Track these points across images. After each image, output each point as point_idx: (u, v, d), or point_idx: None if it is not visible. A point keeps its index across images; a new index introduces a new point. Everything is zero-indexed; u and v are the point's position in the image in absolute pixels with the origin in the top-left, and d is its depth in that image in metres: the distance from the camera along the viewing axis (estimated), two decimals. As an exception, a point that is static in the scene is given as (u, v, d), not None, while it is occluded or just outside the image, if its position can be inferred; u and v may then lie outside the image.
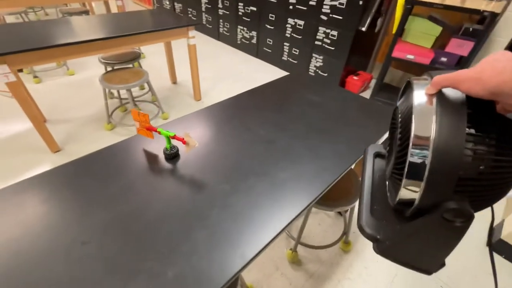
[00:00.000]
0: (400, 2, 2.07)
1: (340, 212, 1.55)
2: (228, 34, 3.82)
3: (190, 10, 4.26)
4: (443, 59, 2.09)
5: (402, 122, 0.40)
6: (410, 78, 0.43)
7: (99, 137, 2.05)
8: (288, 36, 2.98)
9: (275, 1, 2.90)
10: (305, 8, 2.66)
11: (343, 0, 2.36)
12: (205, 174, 0.71)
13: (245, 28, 3.49)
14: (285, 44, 3.07)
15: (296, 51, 3.00)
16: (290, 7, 2.78)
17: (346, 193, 1.09)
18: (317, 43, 2.74)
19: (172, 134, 0.72)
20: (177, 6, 4.53)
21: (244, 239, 0.56)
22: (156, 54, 3.49)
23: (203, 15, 4.07)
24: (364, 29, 2.42)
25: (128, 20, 2.06)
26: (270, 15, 3.04)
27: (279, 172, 0.72)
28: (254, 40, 3.45)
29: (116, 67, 2.13)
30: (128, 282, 0.48)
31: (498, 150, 0.31)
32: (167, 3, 4.73)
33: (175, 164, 0.74)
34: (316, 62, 2.86)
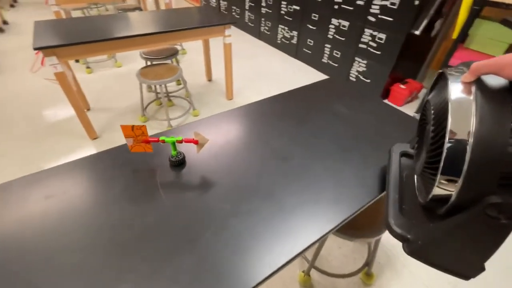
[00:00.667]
0: (466, 2, 1.78)
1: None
2: (269, 33, 3.75)
3: (234, 8, 4.28)
4: (516, 71, 1.75)
5: (435, 116, 0.37)
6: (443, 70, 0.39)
7: (133, 128, 2.15)
8: (331, 37, 2.80)
9: (320, 0, 2.74)
10: (351, 8, 2.46)
11: (396, 0, 2.12)
12: (206, 189, 0.65)
13: (286, 28, 3.38)
14: (326, 45, 2.90)
15: (337, 54, 2.81)
16: (336, 7, 2.60)
17: (371, 222, 0.95)
18: (361, 46, 2.52)
19: (180, 139, 0.68)
20: (222, 3, 4.59)
21: (235, 272, 0.49)
22: (196, 50, 3.57)
23: (246, 13, 4.06)
24: (418, 32, 2.15)
25: (170, 17, 2.11)
26: (313, 14, 2.89)
27: (287, 197, 0.63)
28: (294, 40, 3.33)
29: (154, 62, 2.20)
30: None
31: None
32: (213, 1, 4.82)
33: (178, 173, 0.70)
34: (358, 66, 2.64)
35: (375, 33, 2.36)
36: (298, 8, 3.07)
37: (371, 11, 2.32)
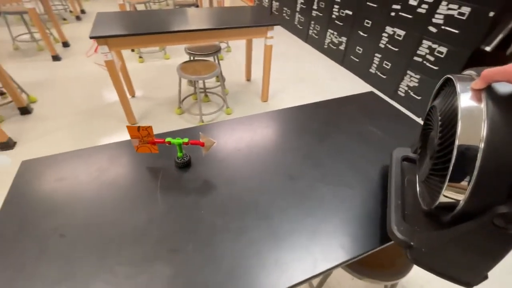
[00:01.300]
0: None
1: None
2: (317, 37, 3.62)
3: (285, 9, 4.23)
4: None
5: (443, 122, 0.37)
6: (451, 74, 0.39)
7: (168, 118, 2.25)
8: (382, 46, 2.58)
9: (376, 5, 2.54)
10: (410, 16, 2.23)
11: (465, 10, 1.85)
12: (203, 196, 0.63)
13: (335, 33, 3.22)
14: (376, 55, 2.68)
15: (387, 65, 2.58)
16: (392, 14, 2.39)
17: (389, 263, 0.83)
18: (416, 59, 2.27)
19: (186, 140, 0.67)
20: (274, 4, 4.57)
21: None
22: (241, 49, 3.61)
23: (296, 15, 3.97)
24: (489, 49, 1.85)
25: (218, 15, 2.15)
26: (366, 21, 2.70)
27: (284, 222, 0.57)
28: (342, 47, 3.15)
29: (196, 58, 2.27)
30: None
31: None
32: (266, 1, 4.83)
33: (181, 175, 0.68)
34: (409, 81, 2.39)
35: (434, 45, 2.10)
36: (350, 13, 2.89)
37: (434, 20, 2.07)
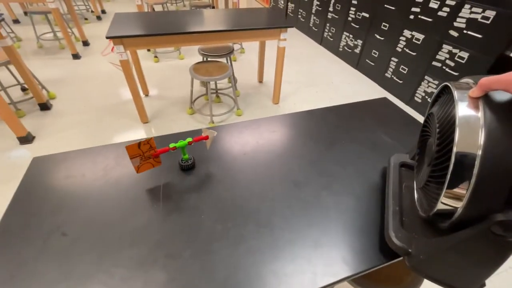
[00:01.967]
0: None
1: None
2: (332, 40, 3.56)
3: (301, 11, 4.19)
4: None
5: (441, 129, 0.37)
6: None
7: (179, 118, 2.28)
8: (399, 50, 2.50)
9: (394, 8, 2.47)
10: (430, 20, 2.15)
11: (490, 13, 1.76)
12: (204, 201, 0.62)
13: (350, 35, 3.16)
14: (392, 59, 2.61)
15: (404, 70, 2.50)
16: (411, 17, 2.31)
17: (398, 278, 0.79)
18: (435, 64, 2.19)
19: (190, 140, 0.66)
20: (290, 6, 4.55)
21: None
22: (254, 50, 3.61)
23: (312, 17, 3.93)
24: (514, 55, 1.75)
25: (232, 16, 2.16)
26: (384, 23, 2.63)
27: (285, 231, 0.56)
28: (358, 50, 3.09)
29: (209, 59, 2.29)
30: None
31: None
32: (281, 3, 4.81)
33: (185, 178, 0.68)
34: (427, 86, 2.30)
35: (455, 50, 2.02)
36: (367, 15, 2.83)
37: (455, 24, 1.98)
